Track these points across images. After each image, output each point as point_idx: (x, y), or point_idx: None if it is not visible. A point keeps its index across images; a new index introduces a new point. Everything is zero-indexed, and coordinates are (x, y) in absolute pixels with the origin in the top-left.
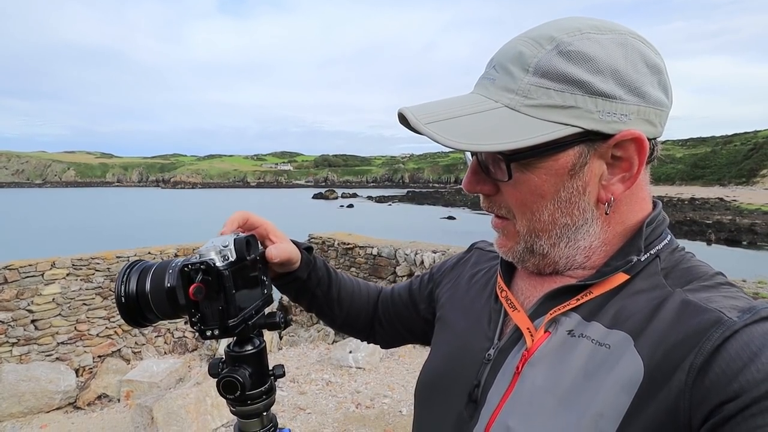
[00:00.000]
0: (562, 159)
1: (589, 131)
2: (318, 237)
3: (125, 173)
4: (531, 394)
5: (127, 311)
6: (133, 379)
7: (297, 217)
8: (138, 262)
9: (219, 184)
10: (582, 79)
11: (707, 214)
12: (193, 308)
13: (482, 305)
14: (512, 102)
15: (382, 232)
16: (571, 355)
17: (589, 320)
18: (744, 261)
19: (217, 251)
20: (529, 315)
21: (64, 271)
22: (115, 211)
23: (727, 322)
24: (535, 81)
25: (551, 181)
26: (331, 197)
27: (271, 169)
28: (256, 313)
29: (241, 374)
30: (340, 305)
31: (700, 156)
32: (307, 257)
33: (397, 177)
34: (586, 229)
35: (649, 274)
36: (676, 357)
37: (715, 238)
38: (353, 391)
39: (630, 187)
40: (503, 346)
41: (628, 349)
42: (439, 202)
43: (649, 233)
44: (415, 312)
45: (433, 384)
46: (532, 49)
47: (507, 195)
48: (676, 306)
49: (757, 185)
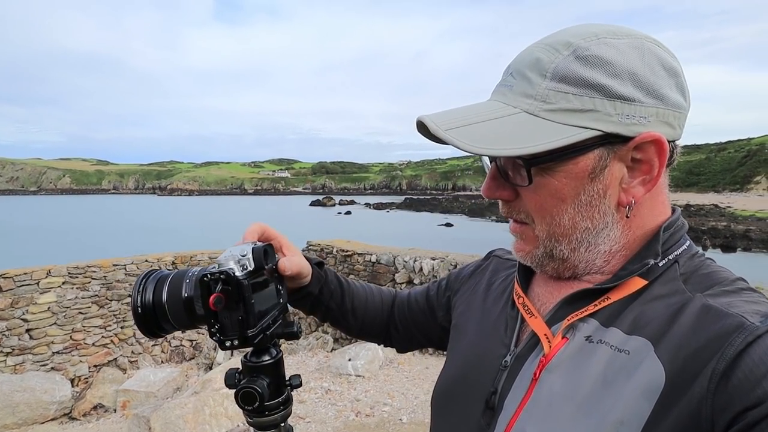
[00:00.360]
0: (582, 162)
1: (608, 134)
2: (316, 244)
3: (121, 180)
4: (549, 400)
5: (143, 322)
6: (130, 389)
7: (295, 225)
8: (154, 271)
9: (216, 191)
10: (600, 83)
11: (702, 220)
12: (213, 318)
13: (499, 312)
14: (531, 107)
15: (381, 239)
16: (589, 362)
17: (607, 326)
18: (739, 267)
19: (236, 260)
20: (547, 321)
21: (60, 279)
22: (112, 218)
23: (749, 327)
24: (554, 86)
25: (571, 184)
26: (328, 204)
27: (269, 176)
28: (273, 323)
29: (259, 385)
30: (354, 315)
31: (695, 163)
32: (318, 272)
33: (395, 184)
34: (607, 233)
35: (668, 279)
36: (697, 363)
37: (710, 245)
38: (353, 399)
39: (651, 190)
40: (520, 352)
41: (648, 355)
42: (437, 209)
43: (667, 238)
44: (432, 319)
45: (450, 392)
46: (549, 55)
47: (527, 200)
48: (696, 311)
49: (751, 192)
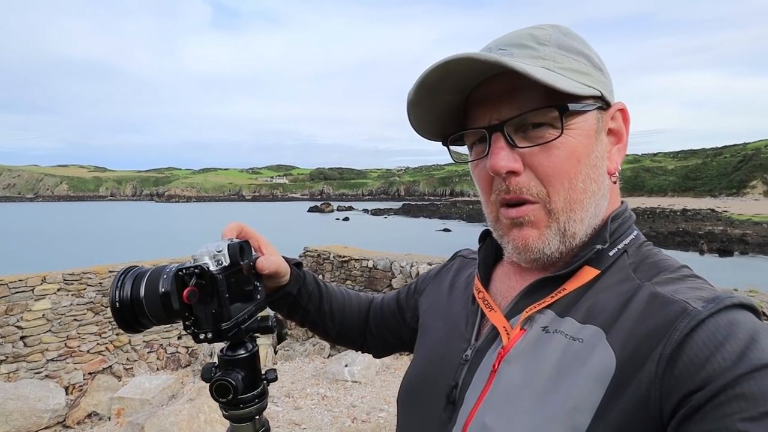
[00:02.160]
0: (590, 120)
1: (602, 97)
2: (314, 250)
3: (119, 187)
4: (507, 391)
5: (121, 317)
6: (125, 396)
7: (293, 231)
8: (133, 267)
9: (214, 198)
10: (587, 53)
11: (699, 224)
12: (187, 312)
13: (461, 308)
14: (545, 65)
15: (378, 245)
16: (545, 351)
17: (563, 316)
18: (736, 271)
19: (211, 256)
20: (506, 314)
21: (55, 286)
22: (109, 225)
23: (692, 312)
24: (557, 51)
25: (584, 143)
26: (326, 210)
27: (267, 182)
28: (249, 318)
29: (233, 377)
30: (332, 318)
31: (691, 168)
32: (297, 273)
33: (393, 190)
34: (602, 202)
35: (618, 269)
36: (646, 348)
37: (707, 249)
38: (349, 405)
39: (622, 158)
40: (480, 346)
41: (601, 342)
42: (435, 215)
43: (615, 228)
44: (402, 321)
45: (414, 389)
46: (542, 32)
47: (542, 165)
48: (645, 298)
49: (747, 196)
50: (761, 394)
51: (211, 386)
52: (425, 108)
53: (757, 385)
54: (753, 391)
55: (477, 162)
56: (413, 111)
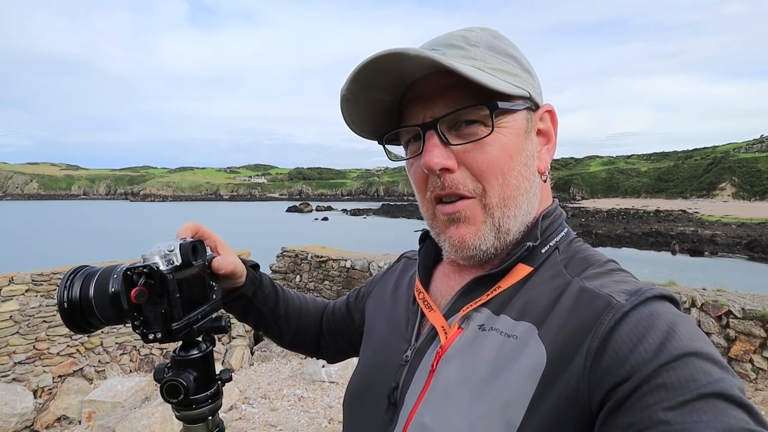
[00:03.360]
0: (520, 119)
1: (530, 98)
2: (291, 250)
3: (92, 186)
4: (445, 389)
5: (69, 317)
6: (96, 399)
7: (271, 231)
8: (83, 267)
9: (191, 197)
10: (516, 56)
11: (671, 225)
12: (136, 311)
13: (402, 309)
14: (476, 64)
15: (357, 245)
16: (481, 349)
17: (498, 314)
18: (706, 270)
19: (161, 255)
20: (444, 313)
21: (23, 287)
22: (81, 224)
23: (616, 305)
24: (487, 52)
25: (515, 141)
26: (305, 210)
27: (245, 182)
28: (202, 318)
29: (185, 378)
30: (287, 322)
31: (664, 170)
32: (253, 274)
33: (372, 190)
34: (533, 200)
35: (550, 265)
36: (574, 342)
37: (679, 249)
38: (326, 406)
39: (551, 157)
40: (420, 346)
41: (533, 338)
42: (414, 215)
43: (546, 226)
44: (352, 325)
45: (357, 393)
46: (473, 34)
47: (476, 161)
48: (574, 293)
49: (717, 198)
50: (679, 383)
51: (161, 387)
52: (360, 105)
53: (675, 375)
54: (672, 381)
55: (412, 160)
56: (347, 108)
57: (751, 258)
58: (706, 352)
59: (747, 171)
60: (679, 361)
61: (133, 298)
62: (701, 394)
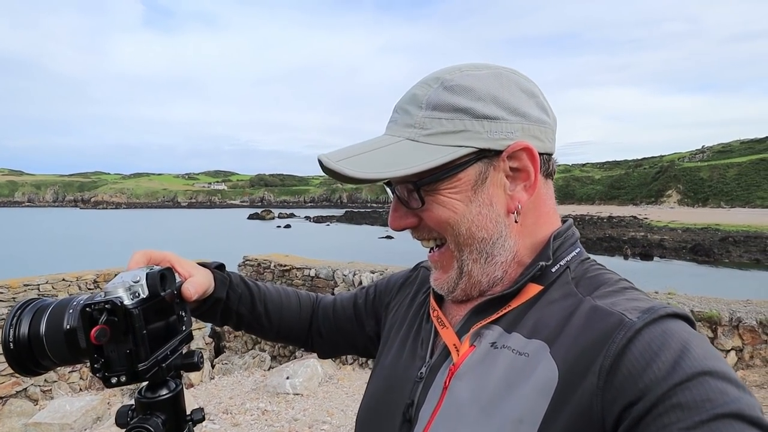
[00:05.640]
0: (465, 177)
1: (482, 149)
2: (254, 259)
3: (38, 192)
4: (458, 406)
5: (16, 358)
6: (41, 422)
7: (232, 239)
8: (33, 300)
9: (146, 204)
10: (466, 106)
11: (623, 231)
12: (96, 353)
13: (417, 326)
14: (412, 134)
15: (321, 253)
16: (493, 366)
17: (510, 332)
18: (656, 274)
19: (126, 288)
20: (456, 331)
21: None
22: (25, 233)
23: (628, 323)
24: (429, 114)
25: (458, 197)
26: (267, 217)
27: (204, 188)
28: (171, 354)
29: (152, 423)
30: (269, 318)
31: (615, 178)
32: (221, 276)
33: (335, 197)
34: (502, 243)
35: (561, 284)
36: (587, 360)
37: (630, 253)
38: (290, 419)
39: (533, 194)
40: (434, 363)
41: (545, 356)
42: (378, 222)
43: (558, 246)
44: (359, 328)
45: (373, 408)
46: (422, 90)
47: (428, 220)
48: (586, 312)
49: (664, 204)
50: (695, 403)
51: None
52: None
53: (691, 395)
54: (688, 401)
55: None
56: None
57: (695, 261)
58: (722, 371)
59: (690, 179)
60: (695, 380)
61: (94, 339)
62: (718, 414)
